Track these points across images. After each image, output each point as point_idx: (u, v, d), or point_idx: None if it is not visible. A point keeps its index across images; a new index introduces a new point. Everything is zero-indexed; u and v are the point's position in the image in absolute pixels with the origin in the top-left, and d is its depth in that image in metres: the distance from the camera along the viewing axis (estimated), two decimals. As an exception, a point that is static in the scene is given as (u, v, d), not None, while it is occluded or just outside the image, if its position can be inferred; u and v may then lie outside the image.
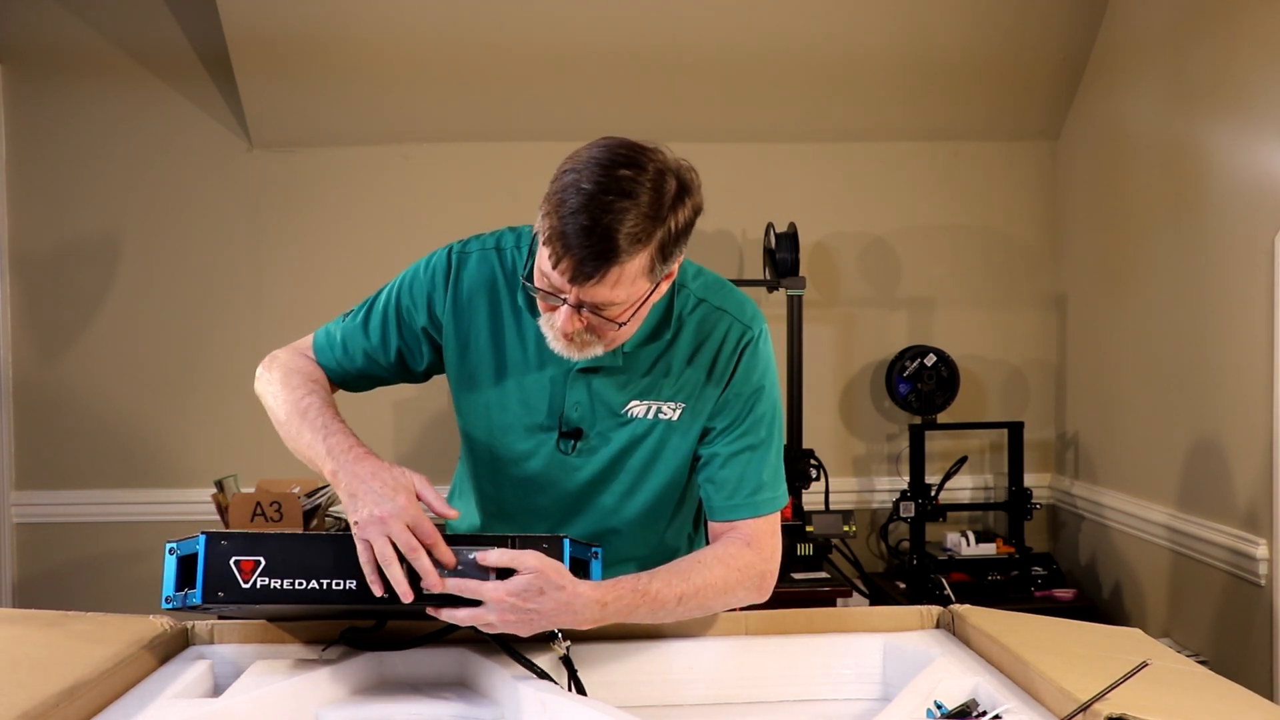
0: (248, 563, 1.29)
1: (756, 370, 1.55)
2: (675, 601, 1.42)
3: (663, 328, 1.52)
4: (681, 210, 1.35)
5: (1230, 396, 2.79)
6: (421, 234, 3.60)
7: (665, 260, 1.37)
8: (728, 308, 1.55)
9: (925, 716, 1.26)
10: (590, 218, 1.28)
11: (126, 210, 3.60)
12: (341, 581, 1.31)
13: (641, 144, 1.36)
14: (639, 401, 1.53)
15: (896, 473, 3.74)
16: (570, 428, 1.54)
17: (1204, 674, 1.36)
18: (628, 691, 1.43)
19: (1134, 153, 3.26)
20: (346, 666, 1.40)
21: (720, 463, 1.54)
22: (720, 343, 1.53)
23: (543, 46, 3.38)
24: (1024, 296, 3.78)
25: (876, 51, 3.47)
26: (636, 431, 1.54)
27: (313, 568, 1.31)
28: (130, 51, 3.56)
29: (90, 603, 2.83)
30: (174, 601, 1.32)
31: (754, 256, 3.67)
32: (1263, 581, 2.65)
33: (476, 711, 1.34)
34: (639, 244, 1.31)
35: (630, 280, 1.34)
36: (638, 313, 1.41)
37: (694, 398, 1.54)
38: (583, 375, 1.52)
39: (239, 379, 3.63)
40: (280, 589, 1.30)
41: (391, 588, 1.30)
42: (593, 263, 1.30)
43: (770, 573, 1.53)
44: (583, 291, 1.34)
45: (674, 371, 1.53)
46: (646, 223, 1.31)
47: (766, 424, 1.56)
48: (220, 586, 1.29)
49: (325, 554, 1.31)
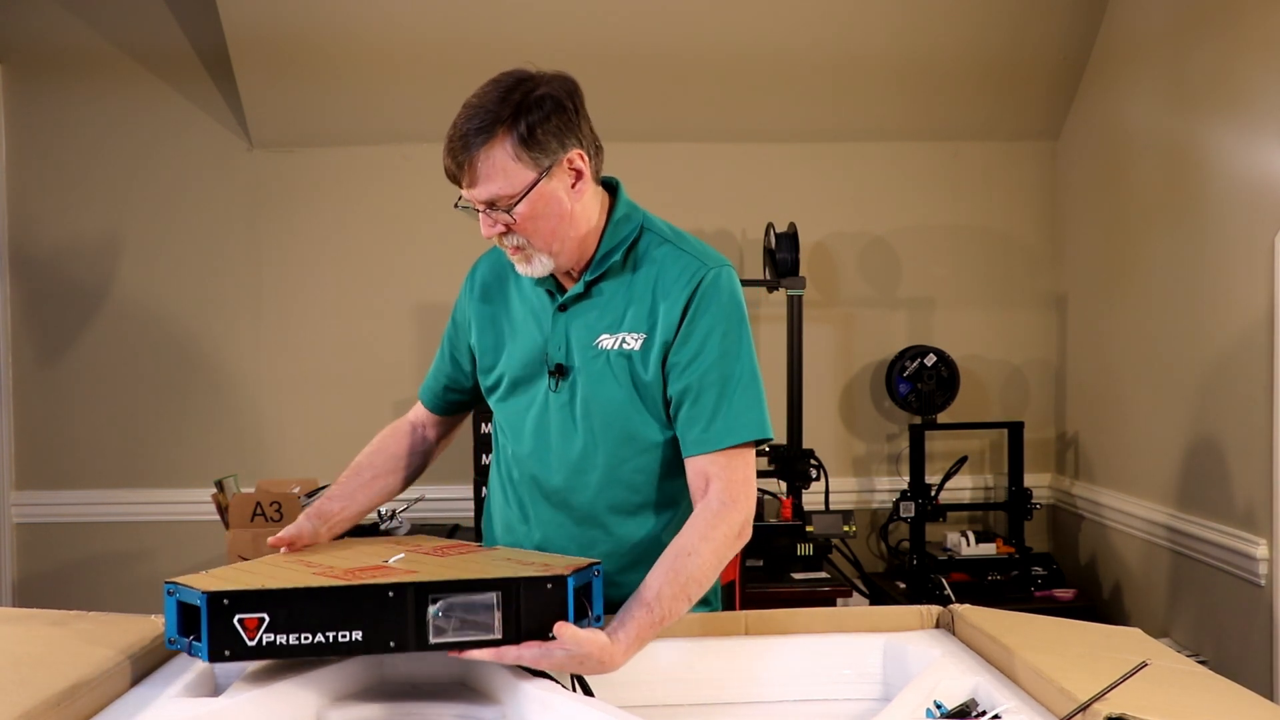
0: (251, 620, 1.27)
1: (715, 304, 1.61)
2: (685, 603, 1.47)
3: (622, 253, 1.63)
4: (543, 106, 1.53)
5: (1230, 396, 2.79)
6: (421, 234, 3.60)
7: (536, 148, 1.53)
8: (691, 251, 1.65)
9: (925, 716, 1.26)
10: (455, 128, 1.55)
11: (126, 210, 3.60)
12: (348, 633, 1.29)
13: (523, 69, 1.58)
14: (608, 335, 1.63)
15: (896, 473, 3.74)
16: (555, 365, 1.64)
17: (1204, 674, 1.36)
18: (628, 691, 1.43)
19: (1134, 153, 3.26)
20: (347, 666, 1.40)
21: (689, 400, 1.60)
22: (680, 278, 1.61)
23: (543, 46, 3.38)
24: (1024, 296, 3.78)
25: (876, 51, 3.47)
26: (605, 363, 1.62)
27: (319, 621, 1.28)
28: (130, 51, 3.56)
29: (90, 603, 2.83)
30: (178, 645, 1.31)
31: (754, 256, 3.67)
32: (1262, 581, 2.65)
33: (476, 711, 1.34)
34: (487, 130, 1.52)
35: (501, 168, 1.53)
36: (536, 204, 1.55)
37: (650, 329, 1.61)
38: (560, 315, 1.65)
39: (239, 379, 3.65)
40: (287, 644, 1.28)
41: (403, 636, 1.30)
42: (459, 155, 1.54)
43: (748, 519, 1.57)
44: (470, 192, 1.57)
45: (635, 304, 1.62)
46: (491, 116, 1.52)
47: (733, 357, 1.61)
48: (226, 645, 1.26)
49: (331, 606, 1.29)
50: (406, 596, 1.30)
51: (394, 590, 1.30)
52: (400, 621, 1.30)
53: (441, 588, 1.31)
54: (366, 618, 1.29)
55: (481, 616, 1.33)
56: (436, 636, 1.31)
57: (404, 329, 3.60)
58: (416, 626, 1.30)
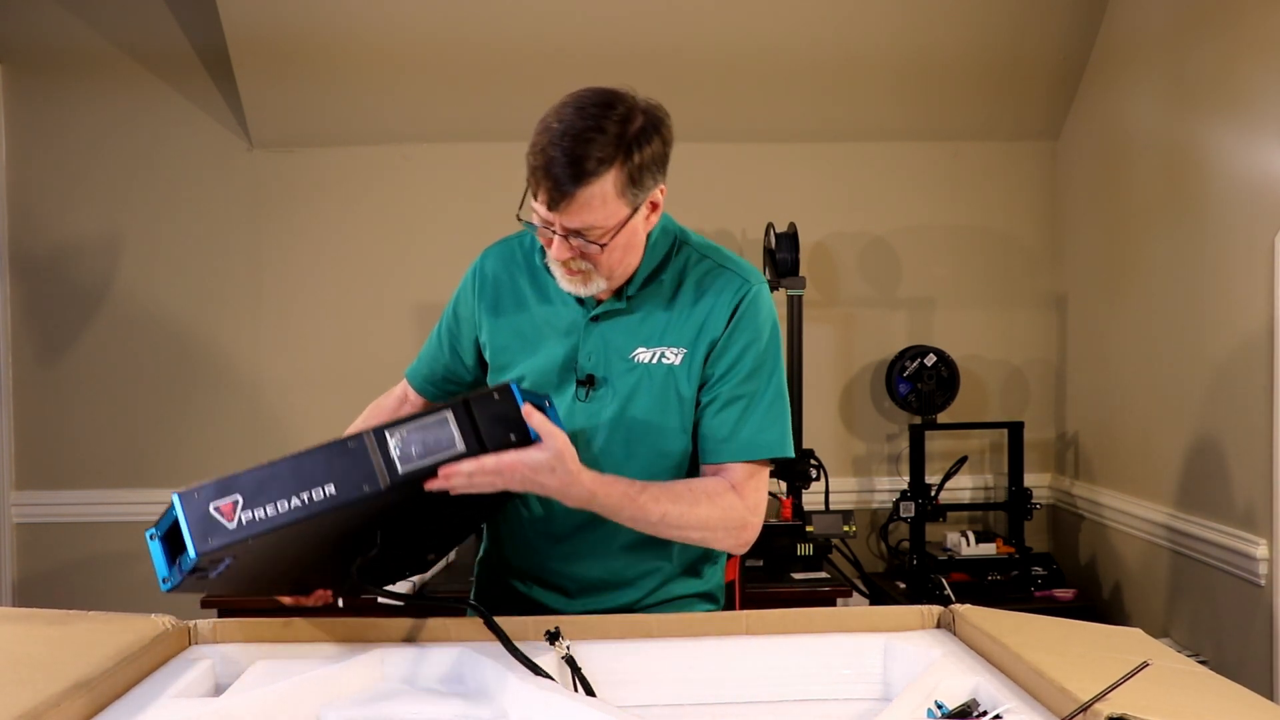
0: (226, 505, 1.29)
1: (754, 321, 1.64)
2: (659, 518, 1.54)
3: (662, 270, 1.64)
4: (648, 142, 1.52)
5: (1230, 396, 2.79)
6: (421, 234, 3.60)
7: (638, 186, 1.51)
8: (729, 266, 1.67)
9: (925, 716, 1.26)
10: (560, 150, 1.47)
11: (126, 210, 3.60)
12: (320, 489, 1.32)
13: (614, 88, 1.55)
14: (645, 348, 1.63)
15: (896, 473, 3.74)
16: (585, 375, 1.64)
17: (1204, 674, 1.36)
18: (628, 691, 1.43)
19: (1134, 153, 3.26)
20: (347, 666, 1.40)
21: (716, 408, 1.62)
22: (720, 293, 1.63)
23: (543, 47, 3.39)
24: (1024, 296, 3.78)
25: (876, 51, 3.47)
26: (643, 375, 1.62)
27: (290, 487, 1.31)
28: (130, 51, 3.56)
29: (90, 602, 2.82)
30: (171, 579, 1.32)
31: (754, 256, 3.67)
32: (1262, 581, 2.66)
33: (476, 711, 1.34)
34: (604, 165, 1.47)
35: (603, 202, 1.48)
36: (624, 239, 1.54)
37: (694, 344, 1.63)
38: (595, 324, 1.64)
39: (239, 379, 3.65)
40: (266, 517, 1.29)
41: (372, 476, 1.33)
42: (566, 184, 1.47)
43: (752, 524, 1.62)
44: (564, 217, 1.49)
45: (676, 319, 1.63)
46: (611, 149, 1.48)
47: (765, 375, 1.64)
48: (208, 534, 1.28)
49: (298, 472, 1.32)
50: (365, 442, 1.35)
51: (351, 440, 1.34)
52: (366, 465, 1.33)
53: (394, 425, 1.37)
54: (334, 471, 1.32)
55: (441, 435, 1.38)
56: (405, 465, 1.35)
57: (404, 329, 3.60)
58: (384, 464, 1.34)
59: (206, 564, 1.30)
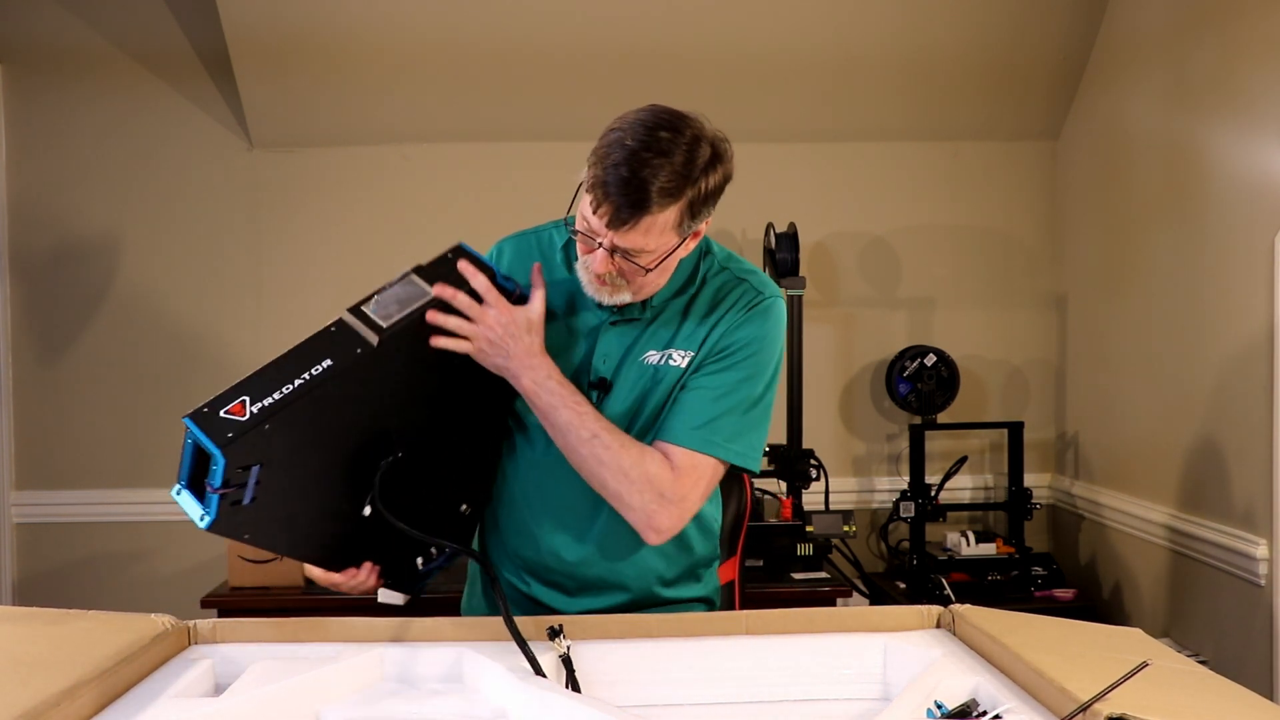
0: (235, 406, 1.34)
1: (759, 327, 1.63)
2: (589, 436, 1.54)
3: (688, 285, 1.65)
4: (712, 175, 1.50)
5: (1230, 396, 2.79)
6: (421, 234, 3.60)
7: (694, 218, 1.52)
8: (748, 278, 1.68)
9: (925, 716, 1.26)
10: (630, 170, 1.44)
11: (126, 210, 3.60)
12: (318, 365, 1.38)
13: (683, 112, 1.52)
14: (655, 351, 1.63)
15: (896, 473, 3.74)
16: (597, 378, 1.64)
17: (1204, 674, 1.36)
18: (628, 691, 1.43)
19: (1134, 153, 3.26)
20: (347, 666, 1.40)
21: (689, 391, 1.61)
22: (734, 303, 1.64)
23: (543, 46, 3.39)
24: (1024, 296, 3.78)
25: (876, 51, 3.47)
26: (652, 377, 1.63)
27: (289, 373, 1.37)
28: (130, 51, 3.56)
29: (90, 602, 2.81)
30: (208, 511, 1.34)
31: (754, 256, 3.67)
32: (1262, 581, 2.65)
33: (476, 711, 1.34)
34: (670, 198, 1.46)
35: (660, 231, 1.49)
36: (665, 263, 1.54)
37: (700, 347, 1.63)
38: (612, 328, 1.64)
39: (239, 378, 3.64)
40: (275, 401, 1.35)
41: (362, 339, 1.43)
42: (628, 210, 1.46)
43: (673, 510, 1.57)
44: (618, 236, 1.49)
45: (689, 325, 1.64)
46: (679, 180, 1.46)
47: (753, 380, 1.62)
48: (227, 430, 1.32)
49: (293, 361, 1.39)
50: (344, 319, 1.45)
51: (333, 325, 1.44)
52: (352, 334, 1.43)
53: (366, 298, 1.47)
54: (325, 349, 1.40)
55: (411, 290, 1.49)
56: (387, 321, 1.45)
57: (404, 329, 3.60)
58: (368, 327, 1.43)
59: (235, 476, 1.33)
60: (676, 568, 1.72)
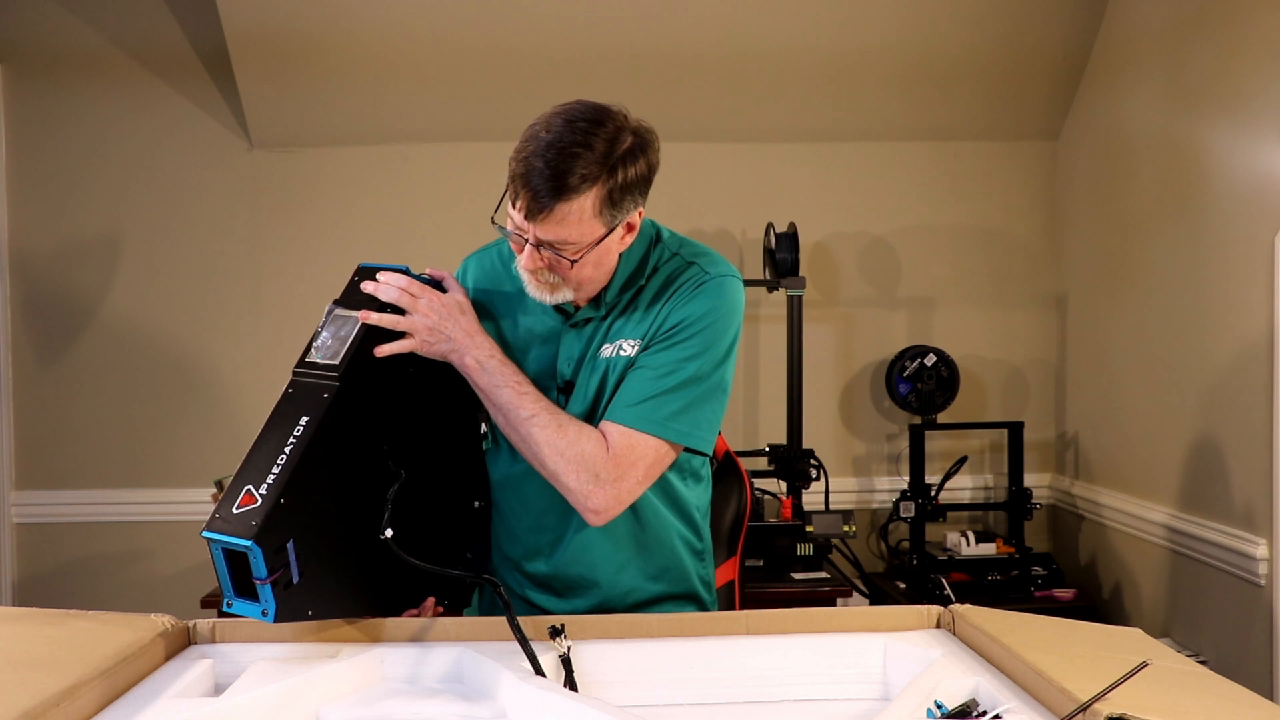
0: (244, 498, 1.35)
1: (700, 304, 1.59)
2: (528, 415, 1.54)
3: (637, 275, 1.63)
4: (633, 164, 1.49)
5: (1230, 396, 2.79)
6: (421, 234, 3.60)
7: (615, 207, 1.50)
8: (698, 260, 1.65)
9: (925, 716, 1.26)
10: (543, 160, 1.45)
11: (126, 210, 3.60)
12: (297, 426, 1.40)
13: (606, 105, 1.52)
14: (609, 344, 1.63)
15: (896, 473, 3.74)
16: (563, 381, 1.64)
17: (1204, 674, 1.36)
18: (628, 691, 1.43)
19: (1134, 153, 3.26)
20: (347, 666, 1.40)
21: (636, 374, 1.59)
22: (681, 285, 1.62)
23: (543, 46, 3.39)
24: (1024, 296, 3.78)
25: (876, 51, 3.47)
26: (607, 370, 1.62)
27: (272, 447, 1.38)
28: (130, 51, 3.56)
29: (90, 602, 2.83)
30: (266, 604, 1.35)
31: (754, 256, 3.67)
32: (1262, 581, 2.65)
33: (476, 711, 1.34)
34: (587, 183, 1.45)
35: (578, 219, 1.47)
36: (595, 256, 1.52)
37: (647, 333, 1.62)
38: (572, 330, 1.64)
39: (239, 378, 3.65)
40: (277, 477, 1.35)
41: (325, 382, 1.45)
42: (545, 197, 1.45)
43: (608, 494, 1.54)
44: (539, 228, 1.48)
45: (639, 313, 1.63)
46: (595, 168, 1.46)
47: (692, 360, 1.57)
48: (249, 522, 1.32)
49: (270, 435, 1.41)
50: (298, 379, 1.47)
51: (289, 388, 1.46)
52: (312, 386, 1.45)
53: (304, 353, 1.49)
54: (296, 410, 1.42)
55: (342, 322, 1.50)
56: (337, 358, 1.46)
57: (404, 329, 3.60)
58: (324, 372, 1.45)
59: (275, 560, 1.34)
60: (657, 563, 1.71)
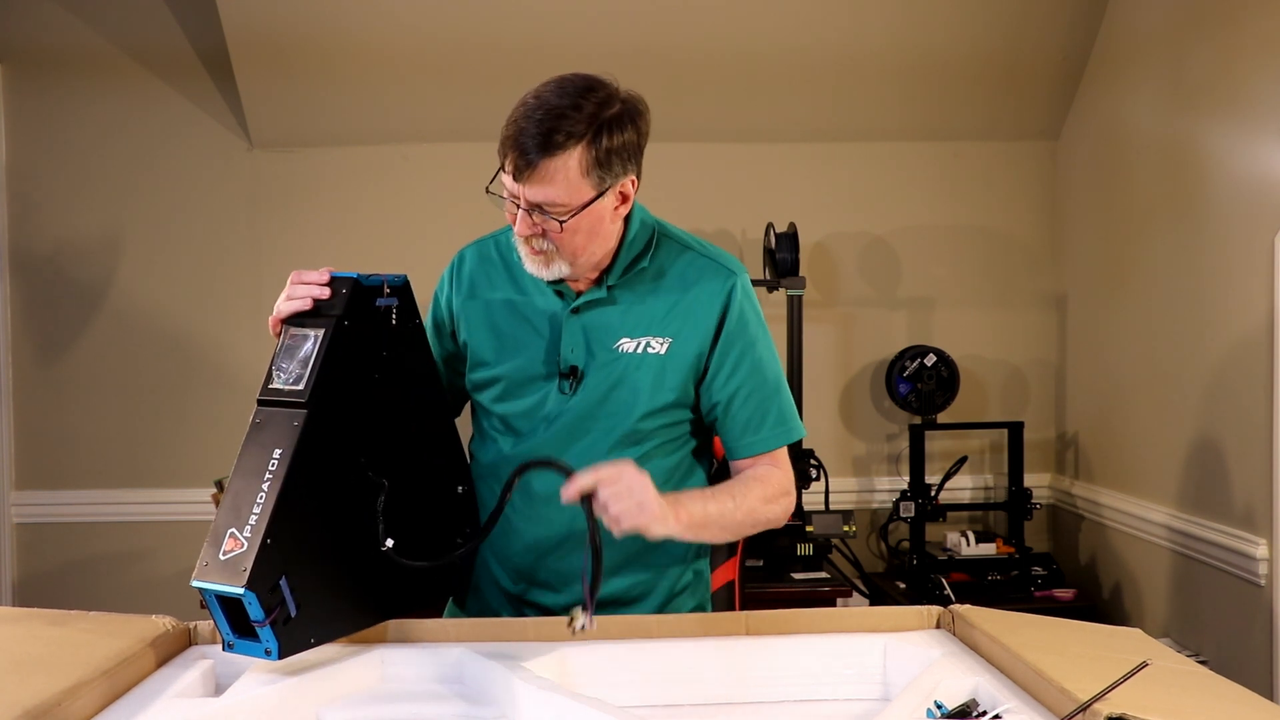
0: (229, 543, 1.33)
1: (748, 314, 1.68)
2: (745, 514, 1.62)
3: (641, 258, 1.65)
4: (623, 130, 1.53)
5: (1230, 396, 2.79)
6: (421, 234, 3.60)
7: (604, 169, 1.52)
8: (712, 255, 1.70)
9: (925, 716, 1.26)
10: (534, 121, 1.49)
11: (126, 210, 3.60)
12: (271, 460, 1.37)
13: (598, 75, 1.55)
14: (629, 338, 1.64)
15: (896, 473, 3.74)
16: (568, 367, 1.64)
17: (1204, 674, 1.36)
18: (628, 691, 1.43)
19: (1134, 153, 3.27)
20: (347, 666, 1.40)
21: (738, 404, 1.66)
22: (708, 285, 1.66)
23: (543, 47, 3.38)
24: (1024, 296, 3.78)
25: (876, 51, 3.47)
26: (627, 365, 1.63)
27: (250, 485, 1.36)
28: (130, 51, 3.56)
29: (90, 603, 2.81)
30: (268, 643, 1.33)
31: (754, 256, 3.67)
32: (1263, 581, 2.66)
33: (476, 711, 1.34)
34: (573, 140, 1.48)
35: (565, 178, 1.49)
36: (583, 219, 1.53)
37: (681, 333, 1.64)
38: (575, 316, 1.64)
39: (239, 378, 3.64)
40: (259, 516, 1.33)
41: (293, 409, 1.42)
42: (533, 153, 1.48)
43: (793, 492, 1.70)
44: (528, 189, 1.50)
45: (662, 309, 1.65)
46: (582, 126, 1.49)
47: (770, 364, 1.70)
48: (239, 568, 1.30)
49: (244, 473, 1.38)
50: (263, 408, 1.44)
51: (256, 418, 1.43)
52: (280, 415, 1.42)
53: (265, 381, 1.47)
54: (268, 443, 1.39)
55: (297, 343, 1.50)
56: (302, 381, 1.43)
57: (404, 329, 3.60)
58: (289, 398, 1.42)
59: (269, 598, 1.31)
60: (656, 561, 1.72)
